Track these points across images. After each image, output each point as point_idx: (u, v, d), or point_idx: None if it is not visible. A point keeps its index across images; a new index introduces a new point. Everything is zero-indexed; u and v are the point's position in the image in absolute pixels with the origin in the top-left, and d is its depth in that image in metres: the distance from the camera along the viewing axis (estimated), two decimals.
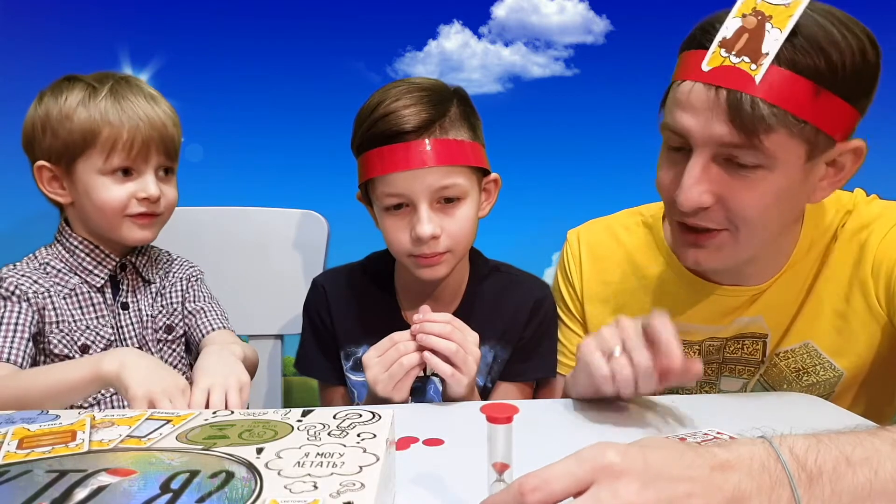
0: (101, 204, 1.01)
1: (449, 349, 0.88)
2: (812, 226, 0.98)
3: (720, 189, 0.85)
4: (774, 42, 0.78)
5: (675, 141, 0.88)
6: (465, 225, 1.01)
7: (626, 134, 1.61)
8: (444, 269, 1.02)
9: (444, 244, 0.99)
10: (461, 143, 0.99)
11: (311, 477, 0.50)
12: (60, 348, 1.01)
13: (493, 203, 1.08)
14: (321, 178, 1.63)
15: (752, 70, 0.79)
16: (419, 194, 0.97)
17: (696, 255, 0.91)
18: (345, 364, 1.11)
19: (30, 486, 0.49)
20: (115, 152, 0.99)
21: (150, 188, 1.02)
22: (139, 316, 1.09)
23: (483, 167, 1.04)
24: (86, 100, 1.00)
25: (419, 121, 0.96)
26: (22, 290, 1.00)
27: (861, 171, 0.89)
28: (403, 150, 0.96)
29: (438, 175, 0.97)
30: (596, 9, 1.65)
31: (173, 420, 0.63)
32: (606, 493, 0.47)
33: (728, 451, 0.51)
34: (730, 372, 1.04)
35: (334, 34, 1.65)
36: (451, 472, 0.67)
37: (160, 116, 1.02)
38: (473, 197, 1.02)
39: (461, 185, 0.99)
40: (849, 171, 0.88)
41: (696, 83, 0.83)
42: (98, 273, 1.06)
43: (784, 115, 0.79)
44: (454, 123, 0.99)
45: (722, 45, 0.81)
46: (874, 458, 0.51)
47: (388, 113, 0.97)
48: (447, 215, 0.99)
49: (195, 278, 1.17)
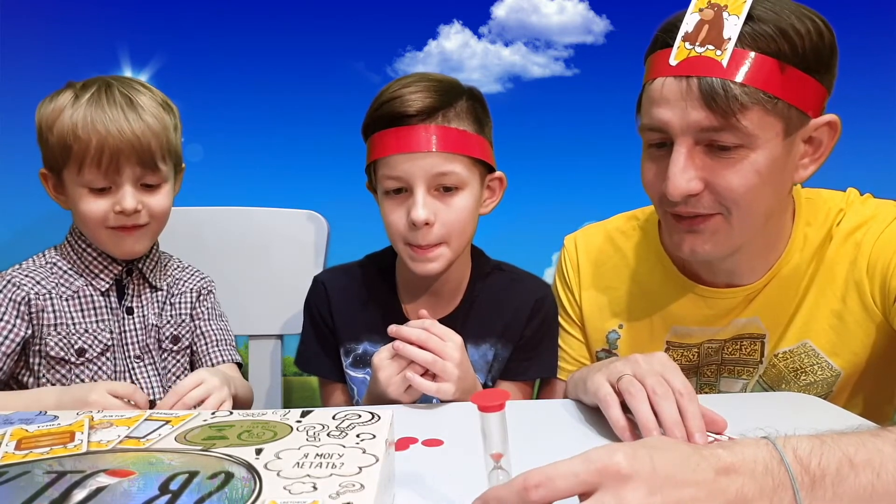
0: (83, 217, 1.00)
1: (425, 360, 0.87)
2: (804, 222, 0.98)
3: (706, 174, 0.87)
4: (734, 27, 0.83)
5: (655, 138, 0.90)
6: (462, 215, 1.00)
7: (625, 134, 1.60)
8: (439, 265, 1.01)
9: (438, 233, 0.99)
10: (464, 133, 0.99)
11: (311, 478, 0.50)
12: (57, 351, 1.00)
13: (497, 201, 1.08)
14: (321, 178, 1.63)
15: (718, 56, 0.83)
16: (417, 178, 0.98)
17: (692, 242, 0.92)
18: (344, 360, 1.11)
19: (29, 486, 0.49)
20: (84, 166, 0.97)
21: (124, 201, 0.98)
22: (143, 322, 1.07)
23: (486, 161, 1.04)
24: (66, 109, 0.98)
25: (423, 106, 0.97)
26: (23, 291, 0.99)
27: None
28: (405, 134, 0.97)
29: (437, 161, 0.97)
30: (596, 9, 1.65)
31: (172, 421, 0.63)
32: (612, 499, 0.46)
33: (732, 454, 0.50)
34: (729, 373, 1.04)
35: (334, 34, 1.65)
36: (451, 472, 0.67)
37: (133, 128, 0.97)
38: (473, 189, 1.02)
39: (460, 174, 0.99)
40: (826, 147, 0.91)
41: (666, 78, 0.86)
42: (104, 277, 1.05)
43: (755, 92, 0.82)
44: (459, 115, 1.00)
45: (685, 39, 0.85)
46: (877, 460, 0.51)
47: (394, 97, 0.99)
48: (444, 203, 1.00)
49: (206, 291, 1.15)
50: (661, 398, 0.72)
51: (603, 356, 1.10)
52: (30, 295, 0.99)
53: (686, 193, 0.87)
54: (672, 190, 0.87)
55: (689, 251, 0.93)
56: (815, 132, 0.89)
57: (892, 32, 1.52)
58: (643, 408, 0.72)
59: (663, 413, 0.71)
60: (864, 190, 1.02)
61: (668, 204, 0.90)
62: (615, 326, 1.08)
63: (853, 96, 1.47)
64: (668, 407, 0.72)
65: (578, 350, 1.12)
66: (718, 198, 0.87)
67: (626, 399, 0.75)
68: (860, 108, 1.51)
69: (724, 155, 0.85)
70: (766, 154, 0.85)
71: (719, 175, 0.86)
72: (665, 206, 0.92)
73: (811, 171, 0.92)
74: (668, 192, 0.87)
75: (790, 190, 0.96)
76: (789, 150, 0.88)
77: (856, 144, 1.47)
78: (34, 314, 1.00)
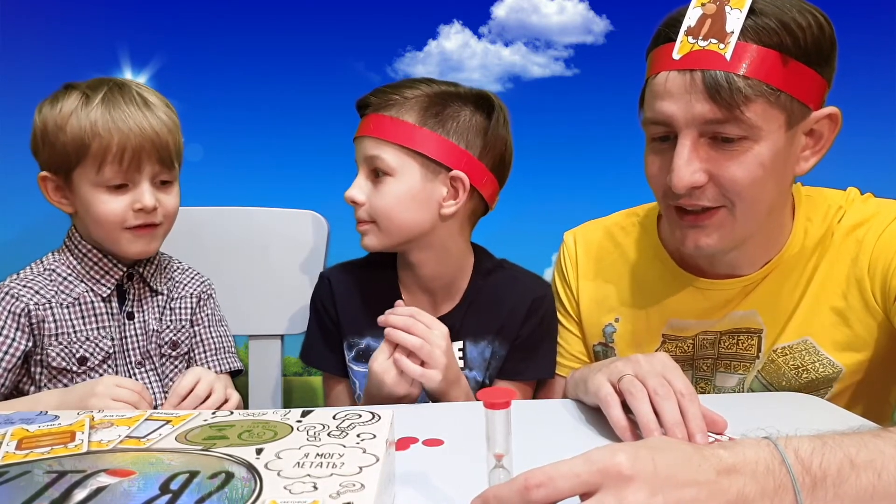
0: (99, 217, 0.99)
1: (414, 344, 0.92)
2: (805, 217, 0.99)
3: (710, 166, 0.87)
4: (737, 21, 0.84)
5: (659, 131, 0.91)
6: (388, 200, 1.03)
7: (625, 134, 1.61)
8: (370, 241, 1.06)
9: (367, 213, 1.05)
10: (400, 122, 1.02)
11: (311, 477, 0.50)
12: (58, 361, 0.99)
13: (459, 204, 1.04)
14: (321, 178, 1.63)
15: (721, 49, 0.84)
16: (358, 161, 1.07)
17: (696, 236, 0.92)
18: (347, 354, 1.12)
19: (29, 486, 0.49)
20: (105, 164, 0.97)
21: (144, 198, 0.99)
22: (144, 328, 1.07)
23: (434, 158, 1.02)
24: (78, 109, 0.98)
25: (380, 100, 1.04)
26: (22, 303, 0.98)
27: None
28: (362, 121, 1.06)
29: (369, 144, 1.03)
30: (596, 9, 1.65)
31: (172, 421, 0.63)
32: (613, 500, 0.46)
33: (734, 455, 0.50)
34: (725, 367, 1.04)
35: (334, 34, 1.65)
36: (451, 472, 0.67)
37: (153, 125, 0.99)
38: (406, 178, 1.02)
39: (386, 160, 1.02)
40: (827, 140, 0.92)
41: (670, 72, 0.87)
42: (105, 282, 1.04)
43: (759, 85, 0.83)
44: (412, 108, 1.02)
45: (688, 34, 0.86)
46: (878, 461, 0.51)
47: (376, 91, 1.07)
48: (374, 188, 1.04)
49: (206, 296, 1.15)
50: (663, 399, 0.73)
51: (600, 350, 1.10)
52: (29, 306, 0.98)
53: (691, 185, 0.87)
54: (677, 182, 0.87)
55: (693, 246, 0.93)
56: (816, 125, 0.90)
57: (893, 32, 1.52)
58: (644, 408, 0.73)
59: (664, 413, 0.72)
60: (864, 190, 1.03)
61: (672, 197, 0.91)
62: (611, 320, 1.08)
63: (854, 96, 1.47)
64: (669, 407, 0.72)
65: (576, 346, 1.12)
66: (722, 190, 0.88)
67: (627, 399, 0.76)
68: (861, 108, 1.52)
69: (728, 147, 0.86)
70: (769, 146, 0.86)
71: (723, 167, 0.87)
72: (668, 200, 0.93)
73: (812, 164, 0.93)
74: (672, 184, 0.88)
75: (792, 183, 0.96)
76: (791, 143, 0.89)
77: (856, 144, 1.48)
78: (35, 325, 0.99)
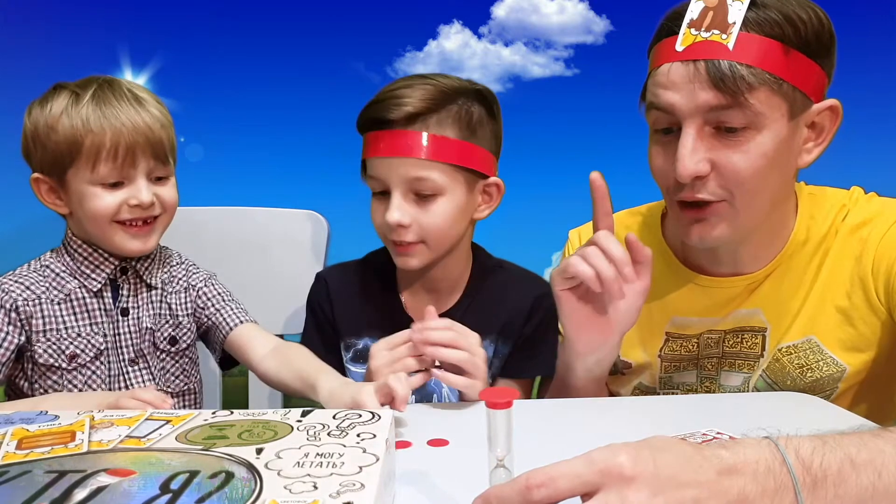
0: (93, 213, 0.98)
1: (460, 359, 0.86)
2: (808, 215, 0.99)
3: (714, 156, 0.88)
4: (739, 12, 0.85)
5: (663, 121, 0.91)
6: (439, 220, 1.01)
7: (626, 134, 1.62)
8: (417, 261, 1.03)
9: (415, 234, 1.01)
10: (444, 139, 0.99)
11: (311, 477, 0.50)
12: (45, 357, 0.98)
13: (493, 207, 1.08)
14: (321, 178, 1.63)
15: (724, 39, 0.85)
16: (394, 182, 1.00)
17: (699, 230, 0.93)
18: (345, 355, 1.12)
19: (29, 486, 0.49)
20: (100, 161, 0.96)
21: (141, 195, 0.98)
22: (138, 325, 1.05)
23: (477, 170, 1.03)
24: (69, 108, 0.97)
25: (406, 112, 0.99)
26: (11, 298, 0.97)
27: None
28: (387, 138, 1.00)
29: (413, 166, 0.99)
30: (596, 9, 1.65)
31: (172, 420, 0.63)
32: (615, 500, 0.46)
33: (734, 455, 0.50)
34: (730, 366, 1.04)
35: (334, 34, 1.65)
36: (452, 472, 0.67)
37: (145, 120, 0.98)
38: (455, 195, 1.02)
39: (436, 180, 1.00)
40: (829, 132, 0.93)
41: (673, 63, 0.88)
42: (96, 277, 1.02)
43: (762, 73, 0.85)
44: (444, 121, 1.00)
45: (690, 26, 0.88)
46: (878, 460, 0.51)
47: (383, 99, 1.01)
48: (421, 208, 1.01)
49: (209, 282, 1.11)
50: None
51: None
52: (17, 301, 0.98)
53: (695, 174, 0.88)
54: (682, 170, 0.88)
55: (697, 238, 0.94)
56: (818, 117, 0.91)
57: (893, 32, 1.52)
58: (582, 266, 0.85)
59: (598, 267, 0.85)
60: (868, 189, 1.03)
61: (675, 190, 0.91)
62: None
63: (857, 96, 1.48)
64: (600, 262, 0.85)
65: None
66: (724, 181, 0.89)
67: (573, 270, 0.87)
68: (864, 108, 1.52)
69: (732, 137, 0.87)
70: (772, 135, 0.87)
71: (726, 157, 0.87)
72: (673, 195, 0.93)
73: (815, 156, 0.94)
74: (677, 173, 0.88)
75: (794, 176, 0.97)
76: (794, 134, 0.89)
77: (860, 144, 1.48)
78: (24, 320, 0.98)
